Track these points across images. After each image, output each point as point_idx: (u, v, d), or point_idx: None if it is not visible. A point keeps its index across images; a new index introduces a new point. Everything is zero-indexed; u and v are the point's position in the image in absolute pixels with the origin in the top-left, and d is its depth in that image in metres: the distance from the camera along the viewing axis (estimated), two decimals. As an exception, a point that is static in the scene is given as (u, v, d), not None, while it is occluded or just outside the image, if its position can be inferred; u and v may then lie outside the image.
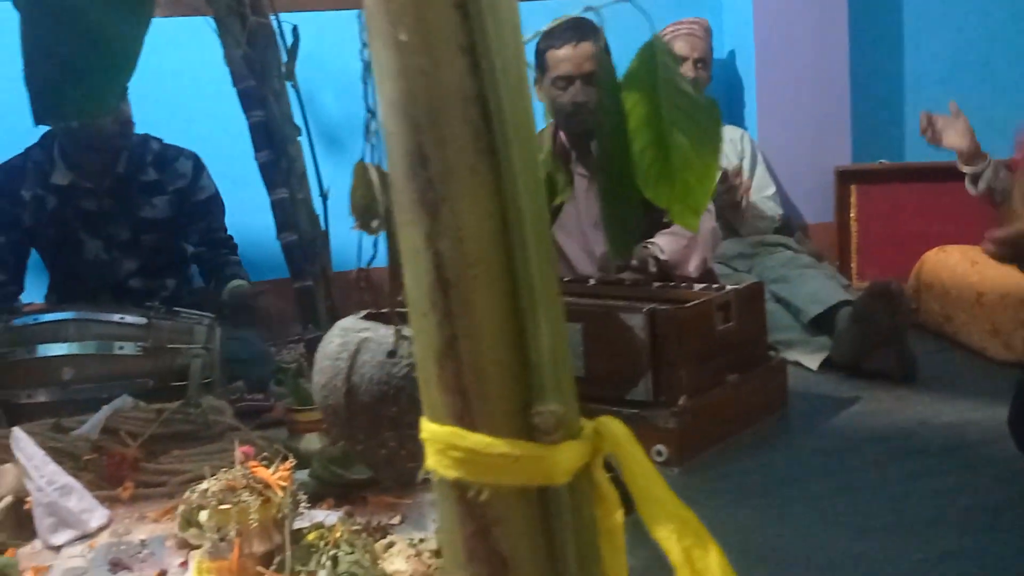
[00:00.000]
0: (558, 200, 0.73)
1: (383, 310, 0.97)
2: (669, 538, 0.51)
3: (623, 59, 0.71)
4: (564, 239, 2.44)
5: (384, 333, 0.88)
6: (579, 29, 2.28)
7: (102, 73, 1.00)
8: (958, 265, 2.53)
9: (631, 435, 0.53)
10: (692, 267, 2.28)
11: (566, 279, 2.31)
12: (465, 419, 0.48)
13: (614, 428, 0.53)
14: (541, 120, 2.40)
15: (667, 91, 0.64)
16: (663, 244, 2.24)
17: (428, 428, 0.50)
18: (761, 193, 3.08)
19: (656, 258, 2.22)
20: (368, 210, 0.90)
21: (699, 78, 3.06)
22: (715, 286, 2.07)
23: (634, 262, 2.20)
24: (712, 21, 3.17)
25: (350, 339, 0.89)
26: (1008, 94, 3.34)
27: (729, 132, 3.15)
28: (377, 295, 0.96)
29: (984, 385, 2.15)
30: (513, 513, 0.49)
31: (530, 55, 2.42)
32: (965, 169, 2.33)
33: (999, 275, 2.38)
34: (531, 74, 2.39)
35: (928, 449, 1.81)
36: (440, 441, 0.49)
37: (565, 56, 2.27)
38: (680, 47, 3.05)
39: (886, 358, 2.23)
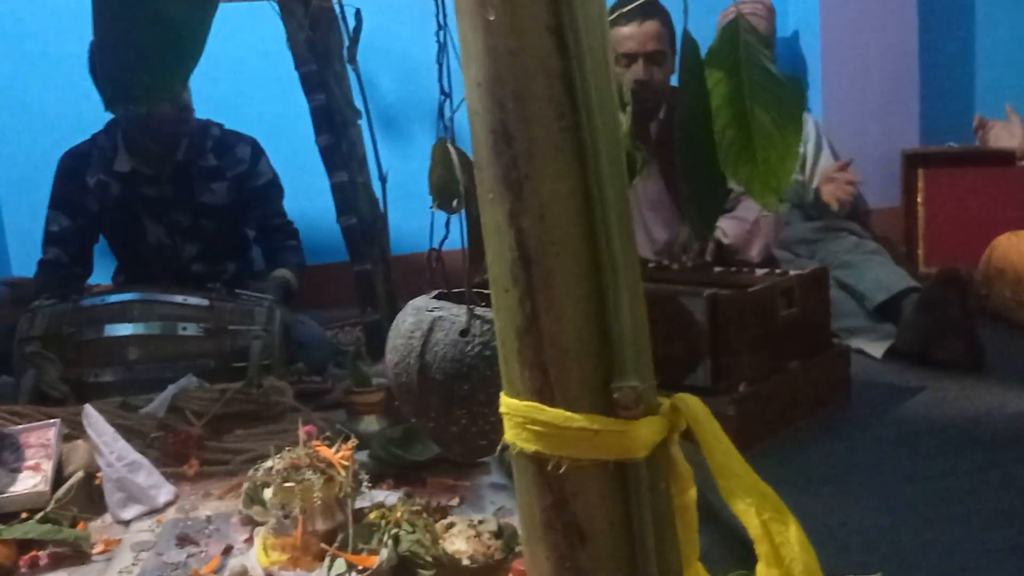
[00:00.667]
0: (636, 178, 0.72)
1: (455, 290, 0.98)
2: (748, 511, 0.51)
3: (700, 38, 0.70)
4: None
5: (457, 312, 0.88)
6: (645, 7, 2.25)
7: (170, 59, 1.02)
8: (1032, 250, 2.45)
9: (709, 412, 0.53)
10: (755, 252, 2.25)
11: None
12: (545, 393, 0.48)
13: (692, 404, 0.53)
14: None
15: (749, 70, 0.63)
16: (726, 228, 2.21)
17: (507, 402, 0.50)
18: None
19: (719, 242, 2.19)
20: (447, 189, 0.90)
21: (761, 59, 3.01)
22: (778, 271, 2.03)
23: (696, 246, 2.17)
24: (776, 1, 3.10)
25: (423, 318, 0.89)
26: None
27: (792, 115, 3.09)
28: (448, 276, 0.96)
29: (1058, 374, 2.09)
30: (591, 486, 0.50)
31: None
32: (1021, 163, 2.26)
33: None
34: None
35: (996, 440, 1.75)
36: (520, 415, 0.49)
37: (630, 34, 2.25)
38: (742, 28, 3.01)
39: (953, 347, 2.17)
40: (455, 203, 0.91)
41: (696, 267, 2.11)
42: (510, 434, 0.50)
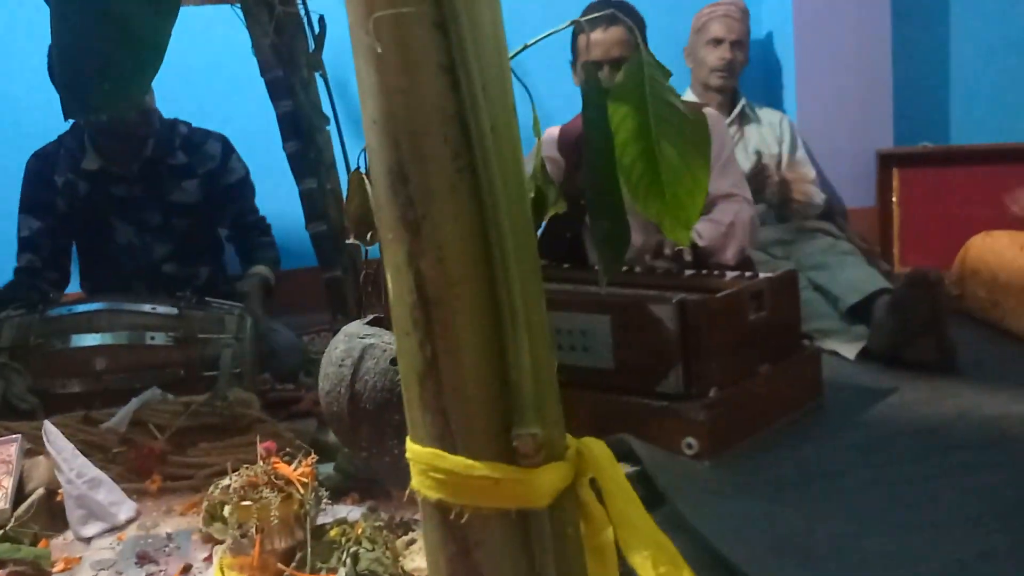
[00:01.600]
0: (549, 214, 0.71)
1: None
2: (644, 564, 0.49)
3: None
4: (596, 227, 2.41)
5: (389, 340, 0.87)
6: (612, 11, 2.24)
7: (130, 66, 1.00)
8: (1006, 250, 2.45)
9: (612, 458, 0.51)
10: (730, 255, 2.25)
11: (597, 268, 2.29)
12: (446, 440, 0.47)
13: (596, 450, 0.52)
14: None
15: (655, 105, 0.62)
16: (701, 230, 2.20)
17: (412, 448, 0.48)
18: (801, 179, 3.02)
19: (694, 245, 2.18)
20: (363, 221, 0.88)
21: (736, 60, 3.01)
22: (749, 274, 2.03)
23: (667, 251, 2.16)
24: (749, 2, 3.10)
25: (354, 345, 0.87)
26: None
27: (768, 116, 3.09)
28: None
29: (1030, 374, 2.09)
30: (494, 535, 0.48)
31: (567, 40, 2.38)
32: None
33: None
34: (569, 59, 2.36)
35: (967, 443, 1.75)
36: (422, 462, 0.47)
37: (595, 40, 2.24)
38: (716, 29, 3.00)
39: (926, 347, 2.17)
40: (370, 236, 0.89)
41: (667, 272, 2.11)
42: (415, 480, 0.48)
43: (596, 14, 2.23)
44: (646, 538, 0.51)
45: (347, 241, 0.88)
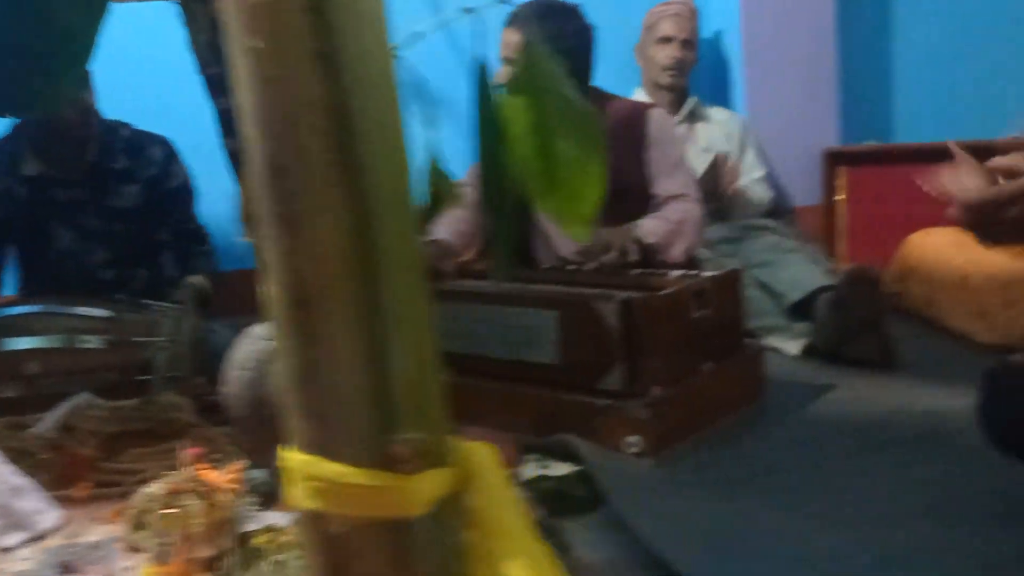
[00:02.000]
0: (442, 210, 0.70)
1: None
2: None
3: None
4: (546, 224, 2.40)
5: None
6: (516, 14, 2.25)
7: (60, 61, 0.97)
8: (943, 247, 2.49)
9: (498, 463, 0.50)
10: (677, 252, 2.25)
11: (545, 266, 2.29)
12: (324, 447, 0.45)
13: (481, 455, 0.50)
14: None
15: (551, 97, 0.61)
16: (649, 228, 2.21)
17: (288, 455, 0.47)
18: (751, 176, 3.04)
19: (641, 243, 2.18)
20: (256, 219, 0.85)
21: (686, 59, 3.02)
22: (693, 272, 2.04)
23: (616, 248, 2.16)
24: (699, 2, 3.12)
25: (259, 348, 0.85)
26: (998, 72, 3.29)
27: (718, 114, 3.11)
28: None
29: (965, 370, 2.09)
30: (372, 546, 0.47)
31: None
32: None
33: (984, 257, 2.34)
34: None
35: (903, 438, 1.78)
36: (298, 470, 0.46)
37: (505, 40, 2.27)
38: (666, 27, 3.01)
39: (865, 344, 2.20)
40: None
41: (613, 269, 2.11)
42: (291, 490, 0.47)
43: (517, 10, 2.24)
44: (520, 548, 0.49)
45: (243, 240, 0.86)
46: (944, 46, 3.35)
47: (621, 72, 3.13)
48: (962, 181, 2.13)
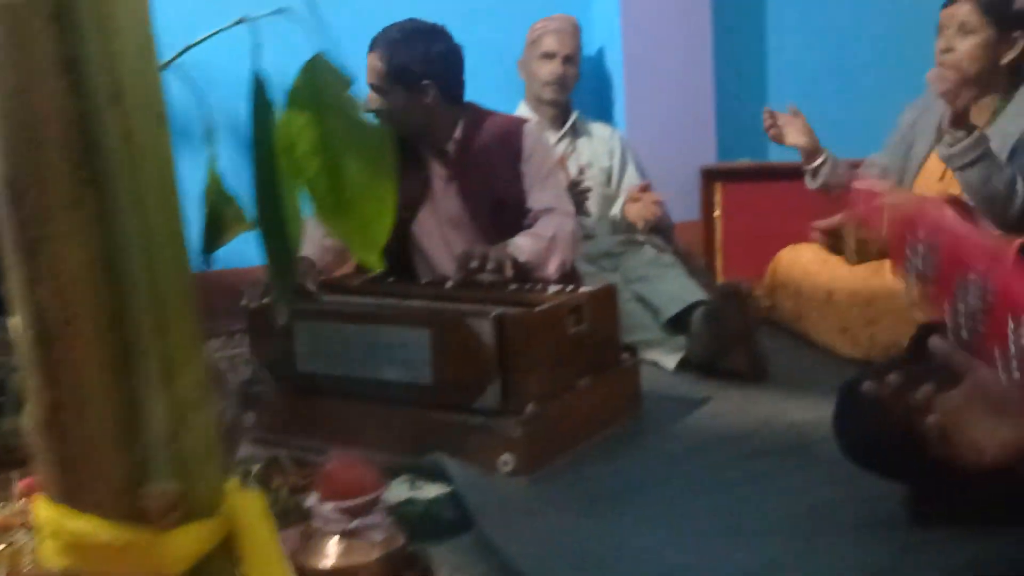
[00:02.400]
0: (230, 235, 0.66)
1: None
2: None
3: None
4: (424, 239, 2.38)
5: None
6: (378, 35, 2.24)
7: None
8: (810, 264, 2.58)
9: (263, 513, 0.47)
10: (552, 268, 2.25)
11: (422, 282, 2.26)
12: (73, 498, 0.41)
13: (246, 506, 0.47)
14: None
15: (336, 114, 0.58)
16: (522, 245, 2.20)
17: (40, 507, 0.43)
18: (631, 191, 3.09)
19: (515, 260, 2.17)
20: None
21: (568, 74, 3.05)
22: (570, 288, 2.04)
23: (491, 264, 2.14)
24: (581, 18, 3.16)
25: None
26: (866, 94, 3.44)
27: (599, 130, 3.15)
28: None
29: (830, 383, 2.17)
30: None
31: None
32: (805, 167, 2.41)
33: (848, 273, 2.44)
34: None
35: (770, 450, 1.82)
36: (47, 523, 0.41)
37: (369, 65, 2.26)
38: (549, 43, 3.03)
39: (738, 358, 2.25)
40: None
41: (490, 285, 2.09)
42: (42, 545, 0.43)
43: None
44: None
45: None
46: (816, 68, 3.48)
47: (506, 86, 3.14)
48: (789, 132, 2.25)
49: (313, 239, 2.16)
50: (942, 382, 1.08)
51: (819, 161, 2.39)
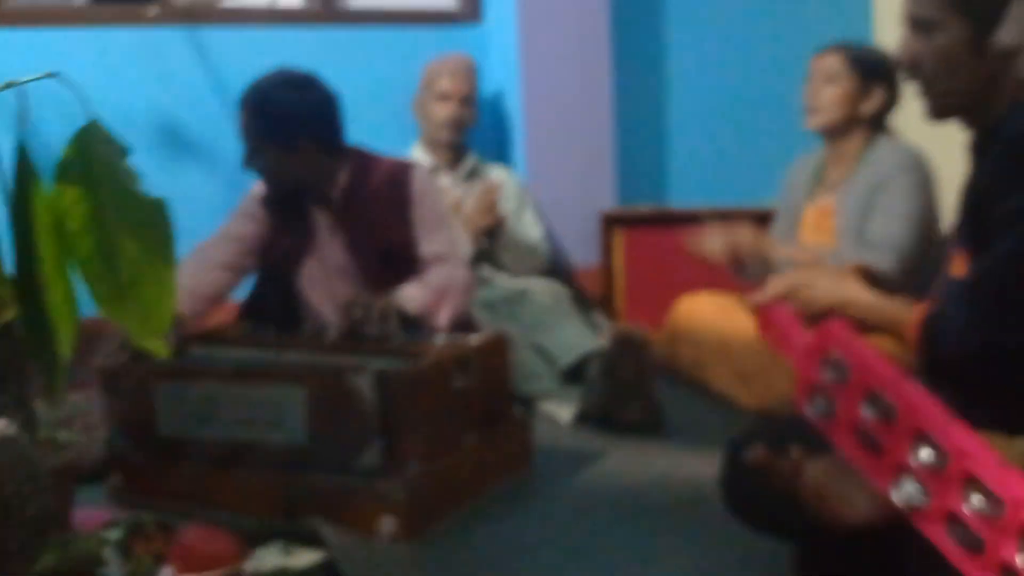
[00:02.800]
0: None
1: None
2: None
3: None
4: (309, 290, 2.26)
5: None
6: (246, 95, 2.15)
7: None
8: (709, 312, 2.55)
9: None
10: (443, 318, 2.16)
11: (301, 332, 2.14)
12: None
13: None
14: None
15: (109, 187, 0.49)
16: (412, 295, 2.11)
17: None
18: (529, 235, 3.03)
19: (403, 310, 2.08)
20: None
21: (464, 116, 2.99)
22: (459, 338, 1.95)
23: (375, 315, 2.04)
24: (479, 59, 3.11)
25: None
26: (766, 138, 3.48)
27: (497, 172, 3.09)
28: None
29: (728, 434, 2.15)
30: None
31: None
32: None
33: (746, 322, 2.41)
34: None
35: (664, 506, 1.76)
36: None
37: (242, 126, 2.18)
38: (445, 84, 2.97)
39: (633, 409, 2.20)
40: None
41: (374, 338, 1.99)
42: None
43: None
44: None
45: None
46: (714, 116, 3.51)
47: (400, 128, 3.06)
48: (705, 245, 2.20)
49: (184, 286, 2.02)
50: (817, 443, 1.07)
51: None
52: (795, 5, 3.55)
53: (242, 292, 2.29)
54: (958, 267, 1.29)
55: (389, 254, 2.20)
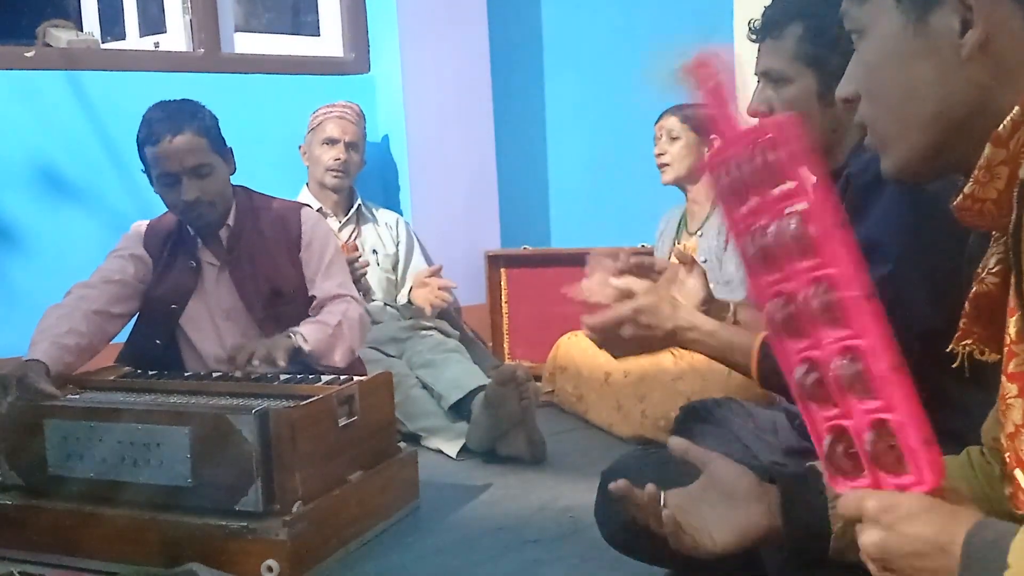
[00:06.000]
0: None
1: None
2: None
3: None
4: (193, 331, 2.25)
5: None
6: (174, 119, 2.08)
7: None
8: (588, 347, 2.64)
9: None
10: (338, 356, 2.19)
11: (184, 375, 2.13)
12: None
13: None
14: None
15: None
16: (307, 334, 2.12)
17: None
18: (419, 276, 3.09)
19: (299, 349, 2.09)
20: None
21: (351, 161, 3.04)
22: (344, 378, 1.98)
23: (260, 355, 2.05)
24: (365, 106, 3.17)
25: None
26: (642, 184, 3.64)
27: (385, 216, 3.15)
28: None
29: (607, 464, 2.24)
30: None
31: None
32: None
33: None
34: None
35: (543, 537, 1.83)
36: None
37: (163, 153, 2.08)
38: (332, 129, 3.02)
39: (516, 442, 2.27)
40: None
41: (258, 378, 2.00)
42: None
43: (157, 120, 2.08)
44: None
45: None
46: (590, 162, 3.67)
47: (287, 173, 3.09)
48: (593, 288, 2.30)
49: (48, 336, 1.98)
50: (678, 475, 1.14)
51: None
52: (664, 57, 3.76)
53: (120, 337, 2.25)
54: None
55: (278, 295, 2.21)
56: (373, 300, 2.96)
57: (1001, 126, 0.73)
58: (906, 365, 0.73)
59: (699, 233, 2.69)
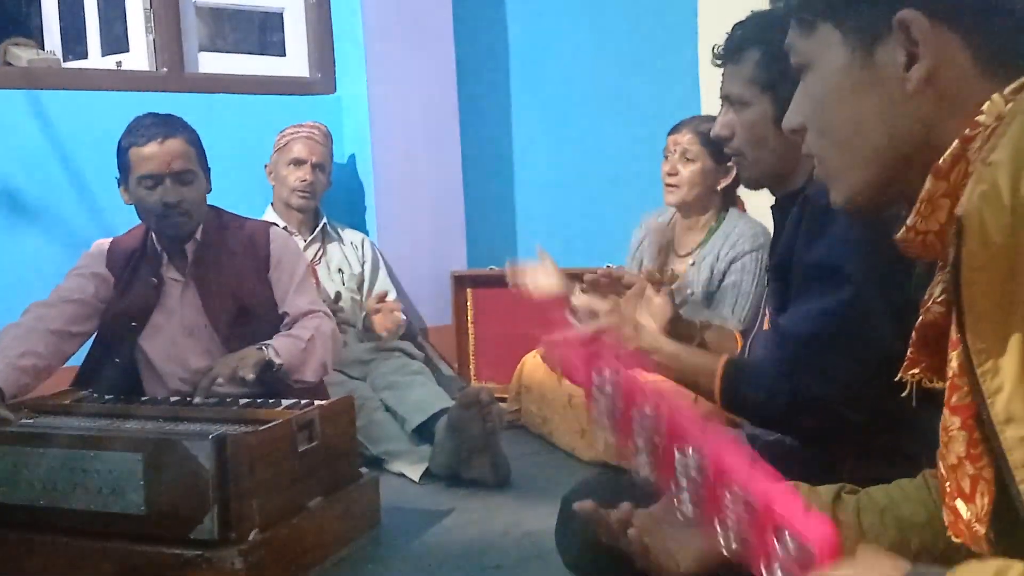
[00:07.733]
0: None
1: None
2: None
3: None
4: (153, 351, 2.21)
5: None
6: (166, 124, 2.13)
7: None
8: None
9: None
10: (310, 372, 2.17)
11: (142, 399, 2.09)
12: None
13: None
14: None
15: None
16: (279, 347, 2.10)
17: None
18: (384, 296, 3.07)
19: (271, 363, 2.07)
20: None
21: (317, 181, 3.02)
22: (303, 402, 1.95)
23: (222, 378, 2.02)
24: (332, 126, 3.16)
25: None
26: (608, 205, 3.66)
27: (350, 236, 3.13)
28: None
29: (569, 486, 2.23)
30: None
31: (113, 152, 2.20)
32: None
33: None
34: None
35: (506, 562, 1.81)
36: None
37: (150, 154, 2.09)
38: (298, 150, 3.00)
39: (480, 465, 2.25)
40: None
41: (217, 402, 1.98)
42: None
43: (146, 126, 2.11)
44: None
45: None
46: (554, 185, 3.69)
47: (252, 192, 3.06)
48: (538, 280, 2.29)
49: (3, 358, 1.94)
50: (643, 496, 1.12)
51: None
52: (631, 80, 3.79)
53: (77, 359, 2.21)
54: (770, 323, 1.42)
55: (245, 313, 2.19)
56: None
57: (941, 159, 0.73)
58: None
59: (691, 262, 2.59)
